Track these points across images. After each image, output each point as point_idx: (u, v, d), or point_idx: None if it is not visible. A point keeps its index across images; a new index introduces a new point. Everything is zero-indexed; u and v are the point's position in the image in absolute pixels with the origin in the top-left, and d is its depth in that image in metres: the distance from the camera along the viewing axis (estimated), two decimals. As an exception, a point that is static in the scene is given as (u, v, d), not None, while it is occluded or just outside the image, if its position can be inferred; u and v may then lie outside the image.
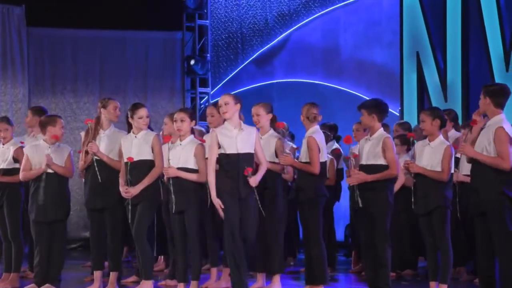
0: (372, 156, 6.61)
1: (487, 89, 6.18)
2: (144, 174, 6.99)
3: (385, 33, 11.47)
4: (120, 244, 7.52)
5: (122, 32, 12.58)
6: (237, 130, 6.52)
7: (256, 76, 12.85)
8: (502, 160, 5.93)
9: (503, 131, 5.95)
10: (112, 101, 7.42)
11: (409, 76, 10.97)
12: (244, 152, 6.47)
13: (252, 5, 12.89)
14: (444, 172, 6.55)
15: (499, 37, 10.10)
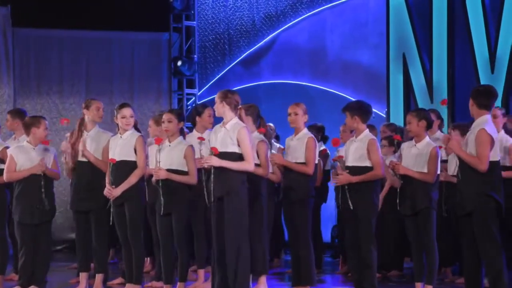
0: (358, 157, 6.62)
1: (473, 90, 6.22)
2: (126, 175, 6.97)
3: (371, 35, 11.50)
4: (106, 245, 7.50)
5: (108, 33, 12.55)
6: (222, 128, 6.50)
7: (243, 77, 12.85)
8: (480, 162, 5.95)
9: (484, 133, 5.98)
10: (94, 101, 7.40)
11: (395, 77, 11.00)
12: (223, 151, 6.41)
13: (239, 6, 12.89)
14: (430, 174, 6.57)
15: (485, 38, 10.15)
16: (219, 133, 6.46)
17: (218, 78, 13.16)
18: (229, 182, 6.35)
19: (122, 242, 7.11)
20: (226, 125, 6.44)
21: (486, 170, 5.95)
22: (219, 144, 6.41)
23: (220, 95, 6.48)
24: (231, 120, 6.43)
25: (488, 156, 5.96)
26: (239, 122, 6.44)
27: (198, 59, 13.18)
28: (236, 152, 6.37)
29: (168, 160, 6.87)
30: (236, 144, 6.36)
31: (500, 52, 10.04)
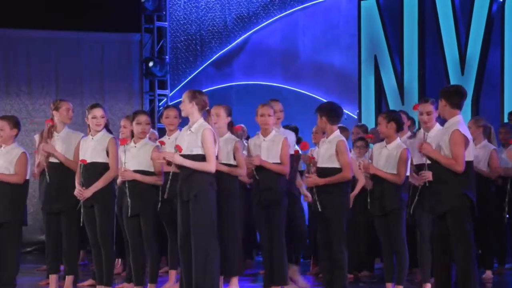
0: (327, 159, 6.64)
1: (442, 91, 6.25)
2: (97, 177, 6.92)
3: (343, 36, 11.55)
4: (77, 247, 7.44)
5: (78, 33, 12.46)
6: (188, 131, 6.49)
7: (215, 79, 12.83)
8: (456, 163, 5.99)
9: (459, 133, 6.01)
10: (64, 102, 7.34)
11: (367, 79, 11.05)
12: (187, 154, 6.40)
13: (211, 7, 12.87)
14: (399, 175, 6.60)
15: (455, 41, 10.24)
16: (186, 136, 6.45)
17: (190, 79, 13.12)
18: (197, 184, 6.34)
19: (92, 243, 7.06)
20: (192, 127, 6.43)
21: (463, 171, 5.99)
22: (185, 147, 6.40)
23: (189, 95, 6.46)
24: (197, 121, 6.42)
25: (464, 156, 5.99)
26: (204, 124, 6.43)
27: (170, 60, 13.14)
28: (201, 154, 6.37)
29: (135, 161, 6.83)
30: (201, 146, 6.35)
31: (470, 54, 10.14)
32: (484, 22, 10.02)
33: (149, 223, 6.81)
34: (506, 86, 9.92)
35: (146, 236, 6.82)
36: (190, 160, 6.36)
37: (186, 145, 6.40)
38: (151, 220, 6.82)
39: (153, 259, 6.91)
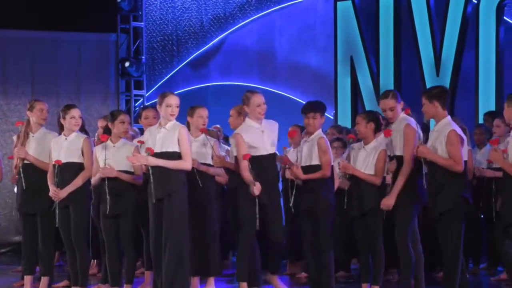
0: (309, 157, 6.68)
1: (431, 92, 6.23)
2: (72, 177, 6.89)
3: (319, 37, 11.58)
4: (52, 248, 7.39)
5: (54, 33, 12.39)
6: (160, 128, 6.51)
7: (191, 79, 12.81)
8: (455, 163, 6.01)
9: (455, 134, 6.04)
10: (38, 103, 7.29)
11: (343, 80, 11.10)
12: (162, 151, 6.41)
13: (187, 8, 12.85)
14: (377, 176, 6.63)
15: (430, 42, 10.31)
16: (158, 133, 6.46)
17: (166, 79, 13.09)
18: (170, 183, 6.34)
19: (66, 244, 7.03)
20: (166, 125, 6.45)
21: (462, 170, 6.02)
22: (160, 145, 6.41)
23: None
24: (171, 120, 6.46)
25: (462, 156, 6.03)
26: (178, 123, 6.49)
27: (146, 60, 13.10)
28: (177, 152, 6.41)
29: (115, 161, 6.80)
30: (177, 144, 6.38)
31: (445, 55, 10.22)
32: (458, 24, 10.10)
33: (129, 224, 6.79)
34: (480, 87, 10.00)
35: (124, 237, 6.80)
36: (165, 158, 6.37)
37: (161, 143, 6.41)
38: (131, 221, 6.81)
39: (130, 260, 6.89)
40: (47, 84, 12.32)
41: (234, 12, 12.41)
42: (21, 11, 11.91)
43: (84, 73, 12.60)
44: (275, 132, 6.85)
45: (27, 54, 12.28)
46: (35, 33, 12.26)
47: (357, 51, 10.92)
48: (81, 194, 6.94)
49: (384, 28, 10.68)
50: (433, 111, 6.17)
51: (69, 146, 6.95)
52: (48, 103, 7.53)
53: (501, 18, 9.88)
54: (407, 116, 6.44)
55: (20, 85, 12.24)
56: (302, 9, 11.74)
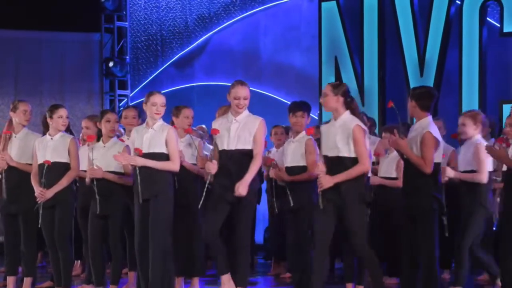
0: (296, 158, 6.68)
1: (413, 92, 6.29)
2: (59, 177, 6.87)
3: (304, 37, 11.60)
4: (35, 249, 7.37)
5: (38, 33, 12.35)
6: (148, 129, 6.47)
7: (176, 79, 12.79)
8: (424, 164, 6.06)
9: (431, 136, 6.08)
10: (22, 103, 7.25)
11: (328, 80, 11.07)
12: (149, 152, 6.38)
13: (172, 8, 12.83)
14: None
15: (414, 43, 10.35)
16: (146, 134, 6.43)
17: (150, 79, 13.07)
18: (157, 184, 6.32)
19: (49, 245, 7.00)
20: (154, 126, 6.42)
21: (430, 172, 6.06)
22: (147, 145, 6.38)
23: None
24: (158, 121, 6.43)
25: (433, 158, 6.07)
26: (165, 123, 6.47)
27: (130, 60, 13.07)
28: (164, 153, 6.37)
29: (104, 161, 6.78)
30: (164, 145, 6.36)
31: (429, 56, 10.26)
32: (442, 24, 10.15)
33: (117, 224, 6.78)
34: (464, 87, 10.05)
35: (113, 237, 6.78)
36: (152, 159, 6.34)
37: (148, 144, 6.38)
38: (119, 221, 6.79)
39: (118, 261, 6.87)
40: (31, 84, 12.28)
41: (219, 12, 12.41)
42: (4, 10, 11.85)
43: (68, 73, 12.57)
44: (253, 129, 6.29)
45: (10, 54, 12.24)
46: (18, 32, 12.21)
47: (342, 51, 10.94)
48: (67, 194, 6.92)
49: (368, 28, 10.72)
50: (412, 110, 6.22)
51: (56, 146, 6.93)
52: (31, 103, 7.50)
53: (484, 19, 9.93)
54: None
55: (4, 85, 12.20)
56: (287, 9, 11.75)
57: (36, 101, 11.56)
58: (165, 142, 6.37)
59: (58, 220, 6.90)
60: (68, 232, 6.95)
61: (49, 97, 12.12)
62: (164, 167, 6.34)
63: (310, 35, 11.43)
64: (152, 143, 6.38)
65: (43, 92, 12.34)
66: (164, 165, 6.34)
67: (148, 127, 6.44)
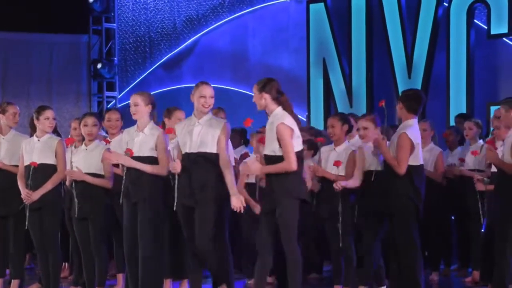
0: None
1: (402, 94, 6.37)
2: (45, 179, 6.84)
3: (292, 39, 11.61)
4: (23, 251, 7.34)
5: (26, 35, 12.31)
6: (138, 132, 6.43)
7: (164, 80, 12.78)
8: (397, 165, 6.10)
9: (406, 137, 6.11)
10: (11, 106, 7.23)
11: (316, 82, 11.13)
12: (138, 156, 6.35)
13: (160, 9, 12.82)
14: (347, 177, 6.65)
15: (402, 45, 10.38)
16: (137, 137, 6.40)
17: (139, 81, 13.05)
18: (146, 187, 6.30)
19: (38, 247, 6.97)
20: (144, 130, 6.39)
21: (403, 173, 6.09)
22: (137, 149, 6.36)
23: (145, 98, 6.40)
24: (148, 124, 6.39)
25: (406, 159, 6.10)
26: (156, 127, 6.42)
27: (119, 62, 13.05)
28: (153, 157, 6.35)
29: (85, 163, 6.76)
30: (154, 149, 6.33)
31: (417, 57, 10.29)
32: (430, 26, 10.18)
33: (98, 227, 6.75)
34: (451, 89, 10.08)
35: (95, 240, 6.75)
36: (141, 162, 6.32)
37: (138, 147, 6.36)
38: (100, 224, 6.76)
39: (101, 263, 6.85)
40: (19, 85, 12.24)
41: (207, 14, 12.40)
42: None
43: (56, 75, 12.54)
44: (216, 132, 6.08)
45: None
46: (6, 34, 12.17)
47: (330, 53, 10.96)
48: (54, 196, 6.89)
49: (356, 30, 10.74)
50: (400, 112, 6.26)
51: (42, 147, 6.90)
52: (18, 104, 7.48)
53: (471, 21, 9.97)
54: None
55: (-9, 87, 12.15)
56: (275, 11, 11.76)
57: (23, 102, 11.53)
58: (155, 146, 6.34)
59: (46, 223, 6.87)
60: (56, 234, 6.92)
61: (36, 99, 12.09)
62: (151, 170, 6.31)
63: (298, 37, 11.44)
64: (141, 147, 6.35)
65: (30, 93, 12.30)
66: (152, 168, 6.32)
67: (139, 130, 6.42)
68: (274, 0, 11.77)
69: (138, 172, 6.31)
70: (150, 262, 6.28)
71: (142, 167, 6.30)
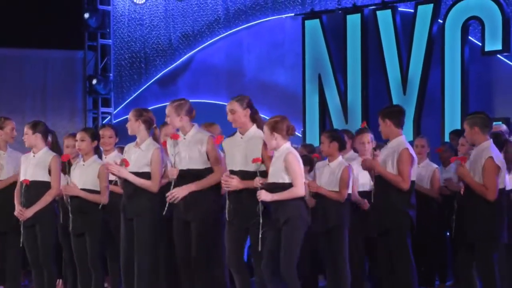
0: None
1: (385, 111, 6.35)
2: (38, 197, 6.82)
3: (288, 55, 11.64)
4: (19, 267, 7.32)
5: (21, 51, 12.31)
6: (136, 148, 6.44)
7: (159, 96, 12.78)
8: (402, 180, 6.10)
9: (408, 152, 6.14)
10: (8, 121, 7.25)
11: (311, 98, 11.15)
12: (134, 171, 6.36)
13: (155, 25, 12.85)
14: (341, 193, 6.65)
15: (397, 61, 10.42)
16: (134, 154, 6.41)
17: (134, 97, 13.06)
18: (142, 202, 6.29)
19: (32, 264, 6.94)
20: (141, 145, 6.40)
21: (408, 188, 6.10)
22: (133, 164, 6.36)
23: (135, 113, 6.44)
24: (146, 140, 6.40)
25: (410, 175, 6.12)
26: (154, 143, 6.42)
27: (114, 78, 13.06)
28: (149, 172, 6.36)
29: (81, 179, 6.74)
30: (148, 165, 6.33)
31: (412, 74, 10.32)
32: (425, 43, 10.22)
33: (95, 242, 6.72)
34: (446, 105, 10.11)
35: (91, 255, 6.72)
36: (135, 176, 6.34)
37: (134, 163, 6.37)
38: (97, 239, 6.73)
39: (98, 279, 6.82)
40: (13, 102, 12.23)
41: (203, 30, 12.43)
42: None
43: (51, 90, 12.54)
44: (203, 146, 6.08)
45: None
46: (2, 50, 12.17)
47: (325, 69, 10.99)
48: (48, 213, 6.87)
49: (351, 46, 10.77)
50: (387, 129, 6.26)
51: (37, 163, 6.89)
52: (13, 120, 7.48)
53: (466, 38, 10.02)
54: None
55: (-14, 103, 12.14)
56: (270, 27, 11.80)
57: (18, 119, 11.48)
58: (150, 162, 6.34)
59: (41, 239, 6.84)
60: (52, 250, 6.89)
61: (31, 115, 12.06)
62: (142, 184, 6.31)
63: (294, 53, 11.47)
64: (136, 162, 6.36)
65: (25, 110, 12.29)
66: (143, 182, 6.31)
67: (137, 146, 6.43)
68: (269, 17, 11.81)
69: (133, 186, 6.31)
70: (146, 276, 6.26)
71: (133, 179, 6.30)
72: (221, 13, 12.23)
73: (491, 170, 5.92)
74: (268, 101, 11.66)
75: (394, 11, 10.48)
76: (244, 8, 12.00)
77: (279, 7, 11.67)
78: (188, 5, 12.55)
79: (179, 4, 12.61)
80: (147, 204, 6.31)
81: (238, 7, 12.06)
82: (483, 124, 6.04)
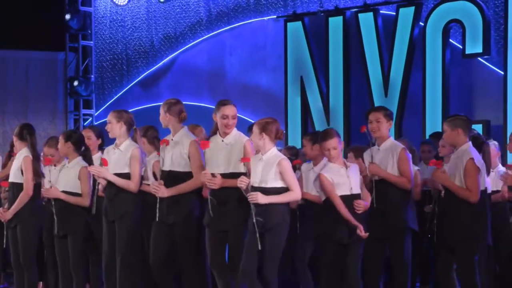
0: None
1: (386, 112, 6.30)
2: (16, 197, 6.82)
3: (270, 58, 11.65)
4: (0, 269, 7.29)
5: (1, 52, 12.24)
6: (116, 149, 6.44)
7: (141, 98, 12.75)
8: (407, 180, 6.13)
9: (406, 152, 6.18)
10: None
11: (293, 100, 11.16)
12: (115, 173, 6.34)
13: (137, 27, 12.81)
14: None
15: (379, 63, 10.46)
16: (113, 155, 6.40)
17: (116, 98, 13.01)
18: (123, 203, 6.28)
19: (15, 265, 6.91)
20: (120, 146, 6.39)
21: (410, 188, 6.15)
22: (113, 166, 6.35)
23: (116, 115, 6.42)
24: (125, 141, 6.39)
25: (412, 174, 6.18)
26: (133, 143, 6.41)
27: (95, 79, 13.01)
28: (126, 173, 6.35)
29: (62, 181, 6.72)
30: (127, 166, 6.32)
31: (393, 76, 10.36)
32: (406, 45, 10.26)
33: (77, 244, 6.70)
34: (427, 107, 10.15)
35: (74, 258, 6.69)
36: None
37: (114, 164, 6.35)
38: (79, 241, 6.71)
39: (79, 282, 6.79)
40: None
41: (185, 31, 12.41)
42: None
43: (32, 92, 12.47)
44: (184, 150, 6.14)
45: (-27, 72, 12.13)
46: (-19, 51, 12.11)
47: (307, 72, 11.00)
48: (27, 213, 6.85)
49: (333, 49, 10.80)
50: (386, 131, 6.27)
51: (15, 165, 6.91)
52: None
53: (447, 40, 10.07)
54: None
55: (-34, 104, 12.06)
56: (253, 30, 11.80)
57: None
58: (129, 162, 6.33)
59: (21, 240, 6.84)
60: (33, 252, 6.86)
61: (12, 117, 12.00)
62: (122, 184, 6.31)
63: (276, 55, 11.48)
64: (116, 164, 6.35)
65: (6, 111, 12.21)
66: (123, 182, 6.31)
67: (116, 147, 6.42)
68: (251, 19, 11.81)
69: (114, 188, 6.30)
70: (127, 277, 6.24)
71: (114, 180, 6.29)
72: (203, 15, 12.22)
73: (473, 172, 5.92)
74: (250, 103, 11.66)
75: (376, 13, 10.53)
76: (227, 10, 11.99)
77: (261, 9, 11.68)
78: (170, 6, 12.52)
79: (161, 6, 12.59)
80: (129, 206, 6.30)
81: (220, 9, 12.06)
82: (465, 126, 6.07)
